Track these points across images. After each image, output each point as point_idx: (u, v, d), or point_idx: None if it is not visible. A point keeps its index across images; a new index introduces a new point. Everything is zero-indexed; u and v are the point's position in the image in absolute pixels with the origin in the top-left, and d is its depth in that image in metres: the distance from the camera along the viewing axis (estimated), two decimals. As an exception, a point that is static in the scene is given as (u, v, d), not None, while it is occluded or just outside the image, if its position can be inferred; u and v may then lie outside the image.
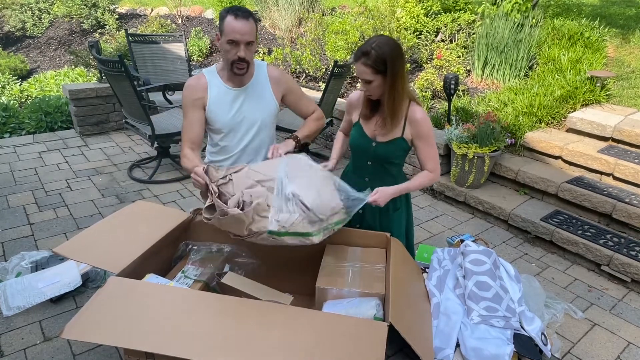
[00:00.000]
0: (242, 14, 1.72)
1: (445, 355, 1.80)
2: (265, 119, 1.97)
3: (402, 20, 5.21)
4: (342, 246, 2.05)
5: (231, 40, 1.74)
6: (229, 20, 1.72)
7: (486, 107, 3.96)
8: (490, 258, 2.09)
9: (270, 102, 1.97)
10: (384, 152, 1.90)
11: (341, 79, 3.95)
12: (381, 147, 1.89)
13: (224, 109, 1.90)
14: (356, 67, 1.76)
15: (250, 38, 1.75)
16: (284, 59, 5.54)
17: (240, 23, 1.71)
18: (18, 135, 4.65)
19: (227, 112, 1.90)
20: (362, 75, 1.74)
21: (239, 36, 1.72)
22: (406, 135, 1.87)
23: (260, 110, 1.95)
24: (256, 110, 1.94)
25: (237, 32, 1.72)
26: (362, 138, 1.93)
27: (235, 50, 1.76)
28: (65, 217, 3.01)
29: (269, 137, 2.06)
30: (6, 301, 2.11)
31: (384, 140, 1.88)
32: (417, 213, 3.37)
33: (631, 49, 4.71)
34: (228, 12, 1.73)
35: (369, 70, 1.72)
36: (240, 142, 1.98)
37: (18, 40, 8.92)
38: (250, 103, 1.93)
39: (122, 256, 1.73)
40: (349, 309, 1.67)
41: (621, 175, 3.08)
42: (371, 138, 1.92)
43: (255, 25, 1.77)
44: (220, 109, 1.90)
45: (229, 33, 1.73)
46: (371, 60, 1.71)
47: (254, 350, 1.37)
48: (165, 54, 4.76)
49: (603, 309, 2.40)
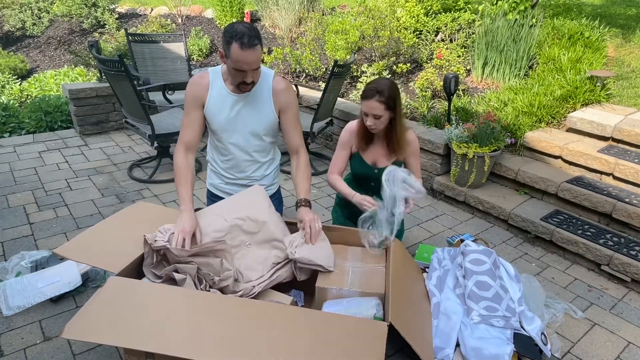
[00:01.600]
0: (249, 41, 1.63)
1: (445, 355, 1.80)
2: (260, 130, 1.95)
3: (402, 19, 5.20)
4: (342, 246, 2.05)
5: (238, 69, 1.71)
6: (235, 49, 1.64)
7: (486, 107, 3.96)
8: (490, 258, 2.09)
9: (269, 114, 1.94)
10: None
11: (341, 79, 3.95)
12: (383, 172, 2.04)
13: (221, 112, 1.90)
14: (368, 104, 1.99)
15: (257, 65, 1.72)
16: (284, 58, 5.53)
17: (247, 53, 1.65)
18: (18, 134, 4.65)
19: (224, 115, 1.90)
20: (374, 110, 1.99)
21: (246, 66, 1.69)
22: (401, 158, 2.20)
23: (256, 121, 1.93)
24: (252, 119, 1.92)
25: (244, 62, 1.67)
26: (364, 166, 2.21)
27: (241, 75, 1.74)
28: (65, 216, 3.01)
29: (267, 148, 2.05)
30: (6, 301, 2.11)
31: (384, 165, 2.15)
32: (417, 213, 3.37)
33: (631, 48, 4.71)
34: (233, 38, 1.63)
35: (382, 107, 1.97)
36: (236, 147, 1.98)
37: (18, 39, 8.91)
38: (247, 111, 1.91)
39: (122, 256, 1.73)
40: (349, 309, 1.67)
41: (621, 175, 3.08)
42: (372, 165, 2.20)
43: (261, 48, 1.70)
44: (218, 110, 1.90)
45: (235, 62, 1.68)
46: (384, 97, 1.96)
47: (253, 350, 1.37)
48: (165, 53, 4.75)
49: (603, 309, 2.40)
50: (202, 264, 1.67)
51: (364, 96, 2.01)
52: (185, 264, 1.66)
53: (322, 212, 3.27)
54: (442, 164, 3.58)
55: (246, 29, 1.65)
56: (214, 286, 1.67)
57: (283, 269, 1.86)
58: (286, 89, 1.93)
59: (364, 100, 2.00)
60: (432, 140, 3.54)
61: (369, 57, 5.34)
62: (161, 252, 1.68)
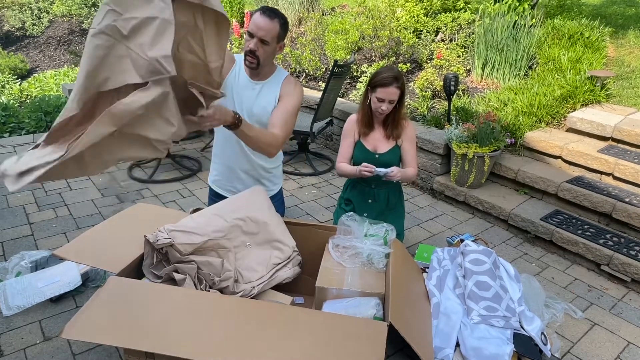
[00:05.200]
0: (269, 12, 1.79)
1: (445, 355, 1.80)
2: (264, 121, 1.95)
3: (402, 19, 5.20)
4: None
5: (249, 32, 1.81)
6: (255, 14, 1.80)
7: (486, 107, 3.96)
8: (490, 258, 2.09)
9: (270, 101, 1.96)
10: (386, 160, 2.26)
11: (341, 79, 3.95)
12: (383, 156, 2.27)
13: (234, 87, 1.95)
14: (387, 91, 2.11)
15: (265, 36, 1.79)
16: (284, 58, 5.54)
17: (261, 18, 1.78)
18: (18, 134, 4.64)
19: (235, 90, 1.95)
20: (392, 96, 2.12)
21: (255, 29, 1.79)
22: (399, 142, 2.29)
23: (260, 109, 1.95)
24: (257, 107, 1.95)
25: (255, 24, 1.79)
26: (366, 153, 2.29)
27: (249, 42, 1.82)
28: (65, 216, 3.01)
29: None
30: (6, 301, 2.11)
31: (384, 151, 2.28)
32: (417, 213, 3.37)
33: (631, 48, 4.71)
34: (258, 10, 1.81)
35: (399, 92, 2.12)
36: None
37: (18, 39, 8.91)
38: (255, 98, 1.95)
39: (122, 257, 1.73)
40: (349, 309, 1.67)
41: (621, 175, 3.08)
42: (373, 151, 2.29)
43: (279, 29, 1.81)
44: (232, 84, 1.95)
45: (250, 24, 1.81)
46: (400, 83, 2.11)
47: (253, 350, 1.37)
48: (165, 53, 4.74)
49: (603, 309, 2.40)
50: (202, 264, 1.67)
51: (383, 84, 2.11)
52: (186, 264, 1.66)
53: (322, 212, 3.27)
54: (442, 164, 3.58)
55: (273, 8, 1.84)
56: (213, 286, 1.67)
57: (283, 270, 1.86)
58: (294, 86, 1.99)
59: (383, 87, 2.11)
60: (432, 140, 3.54)
61: (369, 57, 5.34)
62: (163, 250, 1.68)
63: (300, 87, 2.01)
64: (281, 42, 1.87)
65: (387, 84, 2.10)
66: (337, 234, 2.02)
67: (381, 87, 2.11)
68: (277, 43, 1.85)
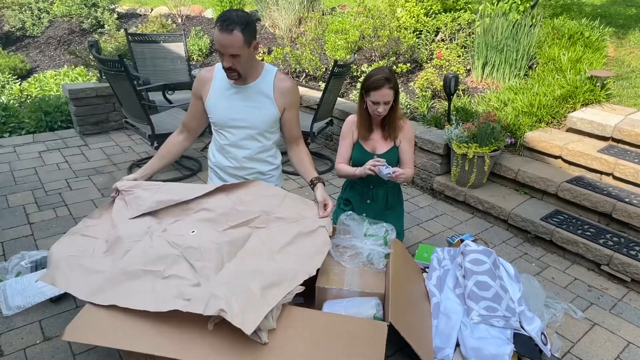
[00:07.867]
0: (227, 26, 1.65)
1: (445, 355, 1.80)
2: (259, 125, 1.94)
3: (402, 19, 5.20)
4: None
5: (218, 50, 1.74)
6: (215, 31, 1.70)
7: (486, 107, 3.96)
8: (490, 258, 2.09)
9: (269, 109, 1.93)
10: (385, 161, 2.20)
11: (341, 79, 3.95)
12: (382, 157, 2.21)
13: (221, 101, 1.92)
14: (380, 93, 2.07)
15: (233, 51, 1.70)
16: (284, 58, 5.54)
17: (222, 36, 1.67)
18: (18, 134, 4.65)
19: (224, 105, 1.92)
20: (386, 98, 2.08)
21: (221, 47, 1.71)
22: (397, 143, 2.28)
23: (255, 114, 1.92)
24: (251, 112, 1.92)
25: (219, 43, 1.70)
26: (364, 154, 2.27)
27: (222, 61, 1.76)
28: (65, 216, 3.01)
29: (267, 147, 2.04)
30: (6, 301, 2.11)
31: (383, 151, 2.27)
32: (417, 213, 3.37)
33: (631, 48, 4.71)
34: (217, 21, 1.69)
35: (392, 92, 2.09)
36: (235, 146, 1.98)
37: (18, 39, 8.91)
38: (246, 103, 1.91)
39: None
40: (349, 309, 1.67)
41: (621, 175, 3.08)
42: (371, 152, 2.28)
43: (242, 37, 1.68)
44: (218, 101, 1.92)
45: (215, 42, 1.73)
46: (393, 83, 2.08)
47: (253, 351, 1.37)
48: (165, 53, 4.75)
49: (603, 309, 2.40)
50: None
51: (375, 87, 2.07)
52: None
53: (322, 212, 3.27)
54: (442, 164, 3.58)
55: (233, 14, 1.68)
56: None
57: None
58: (292, 87, 1.95)
59: (376, 90, 2.07)
60: (432, 140, 3.54)
61: (369, 57, 5.34)
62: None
63: (295, 85, 1.99)
64: (252, 44, 1.76)
65: (379, 87, 2.06)
66: (337, 233, 2.02)
67: (374, 90, 2.08)
68: (248, 48, 1.74)
